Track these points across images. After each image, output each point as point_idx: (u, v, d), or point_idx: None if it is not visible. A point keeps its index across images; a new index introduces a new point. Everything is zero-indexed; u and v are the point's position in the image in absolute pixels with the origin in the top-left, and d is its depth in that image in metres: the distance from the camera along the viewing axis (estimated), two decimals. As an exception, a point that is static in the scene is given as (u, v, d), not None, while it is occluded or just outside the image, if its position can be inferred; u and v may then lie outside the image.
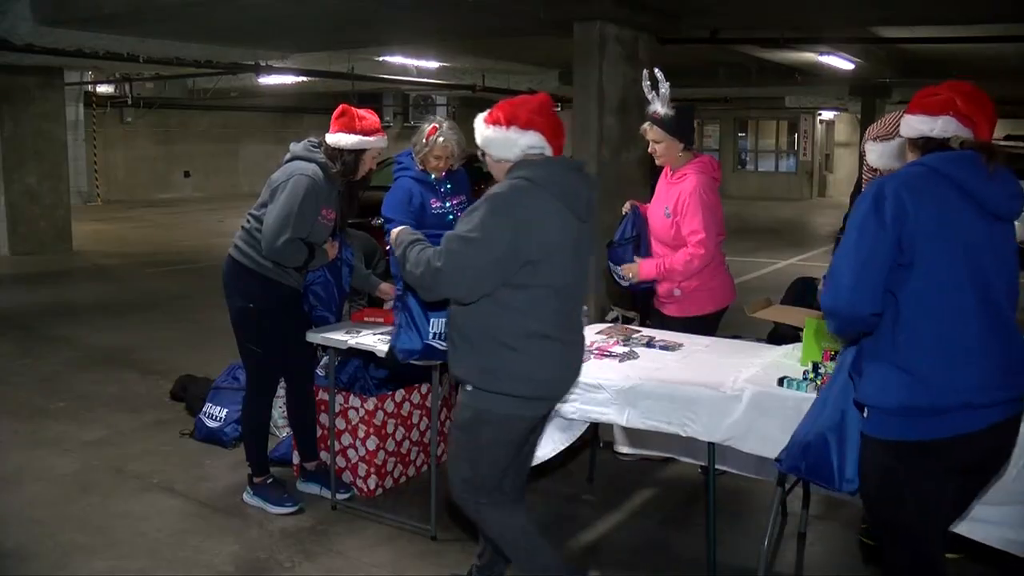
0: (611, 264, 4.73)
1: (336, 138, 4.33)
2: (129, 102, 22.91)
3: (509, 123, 3.15)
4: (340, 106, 4.41)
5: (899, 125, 3.65)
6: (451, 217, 4.93)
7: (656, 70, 4.41)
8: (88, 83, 21.11)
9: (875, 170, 3.90)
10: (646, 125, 4.53)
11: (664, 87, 4.40)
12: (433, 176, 4.82)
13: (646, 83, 4.47)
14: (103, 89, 22.75)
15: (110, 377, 6.98)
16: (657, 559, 4.11)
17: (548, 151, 3.17)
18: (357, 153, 4.37)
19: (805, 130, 28.14)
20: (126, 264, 13.25)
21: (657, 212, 4.62)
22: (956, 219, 2.49)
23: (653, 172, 5.01)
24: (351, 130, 4.32)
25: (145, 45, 11.54)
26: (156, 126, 24.89)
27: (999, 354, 2.51)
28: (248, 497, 4.57)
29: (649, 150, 4.62)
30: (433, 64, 16.83)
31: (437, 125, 4.71)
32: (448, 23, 10.84)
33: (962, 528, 3.15)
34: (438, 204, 4.87)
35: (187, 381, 6.28)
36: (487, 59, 16.39)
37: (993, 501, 3.05)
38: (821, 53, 13.90)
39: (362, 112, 4.39)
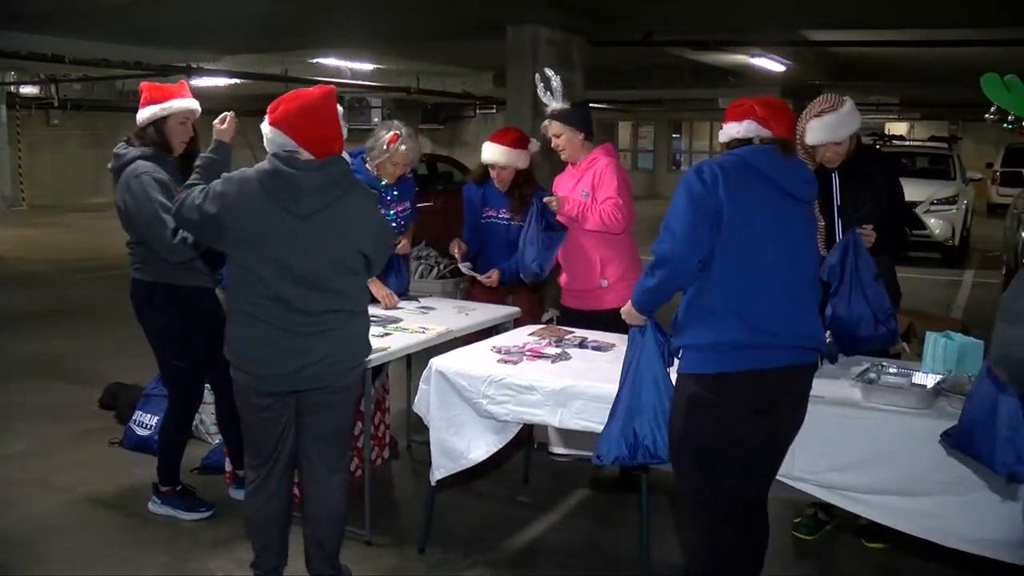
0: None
1: (139, 118, 4.20)
2: (56, 104, 22.42)
3: (270, 119, 3.26)
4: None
5: (838, 100, 3.98)
6: (394, 224, 4.92)
7: (546, 68, 4.48)
8: (11, 84, 20.62)
9: (811, 156, 4.02)
10: (545, 122, 4.62)
11: (555, 81, 4.48)
12: (384, 182, 4.82)
13: (539, 85, 4.53)
14: (27, 90, 22.24)
15: (36, 387, 6.79)
16: (592, 558, 4.13)
17: (300, 150, 3.23)
18: (158, 123, 4.20)
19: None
20: (53, 270, 12.96)
21: (575, 200, 4.68)
22: (762, 194, 2.96)
23: None
24: (147, 103, 4.19)
25: (72, 45, 11.31)
26: (85, 128, 24.38)
27: (794, 304, 2.96)
28: (155, 507, 4.47)
29: (552, 146, 4.68)
30: (367, 66, 16.77)
31: (399, 133, 4.73)
32: (383, 26, 10.82)
33: (884, 518, 3.25)
34: (383, 211, 4.87)
35: (117, 389, 6.15)
36: (422, 61, 16.37)
37: (916, 491, 3.14)
38: (753, 55, 14.09)
39: (163, 84, 4.25)
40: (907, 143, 19.40)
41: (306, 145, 3.22)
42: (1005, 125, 22.35)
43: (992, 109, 17.16)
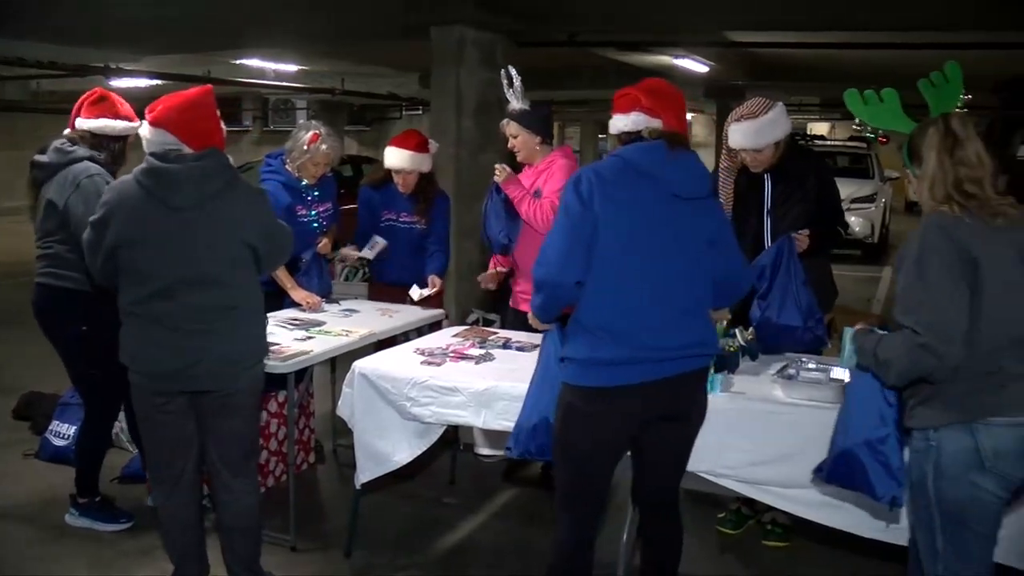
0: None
1: (99, 124, 4.12)
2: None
3: (149, 119, 3.26)
4: (96, 90, 4.20)
5: (763, 107, 3.94)
6: (316, 225, 4.89)
7: (510, 67, 4.46)
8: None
9: (733, 158, 4.05)
10: (504, 121, 4.59)
11: (517, 81, 4.46)
12: (304, 182, 4.79)
13: (504, 81, 4.52)
14: (-61, 92, 21.55)
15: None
16: (521, 558, 4.14)
17: (181, 146, 3.22)
18: (123, 140, 4.18)
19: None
20: (-32, 277, 12.60)
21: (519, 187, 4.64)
22: (639, 199, 2.83)
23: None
24: (116, 115, 4.14)
25: (-21, 44, 11.01)
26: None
27: (680, 313, 2.87)
28: (73, 519, 4.37)
29: (508, 146, 4.65)
30: (292, 67, 16.57)
31: (319, 132, 4.72)
32: (306, 27, 10.70)
33: (805, 512, 3.32)
34: (304, 211, 4.85)
35: (32, 398, 5.98)
36: (347, 62, 16.22)
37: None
38: (676, 56, 14.26)
39: (118, 96, 4.20)
40: (828, 143, 19.81)
41: (187, 139, 3.21)
42: (868, 134, 22.85)
43: (857, 120, 17.67)
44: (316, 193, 4.89)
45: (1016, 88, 7.64)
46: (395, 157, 4.99)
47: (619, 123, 3.03)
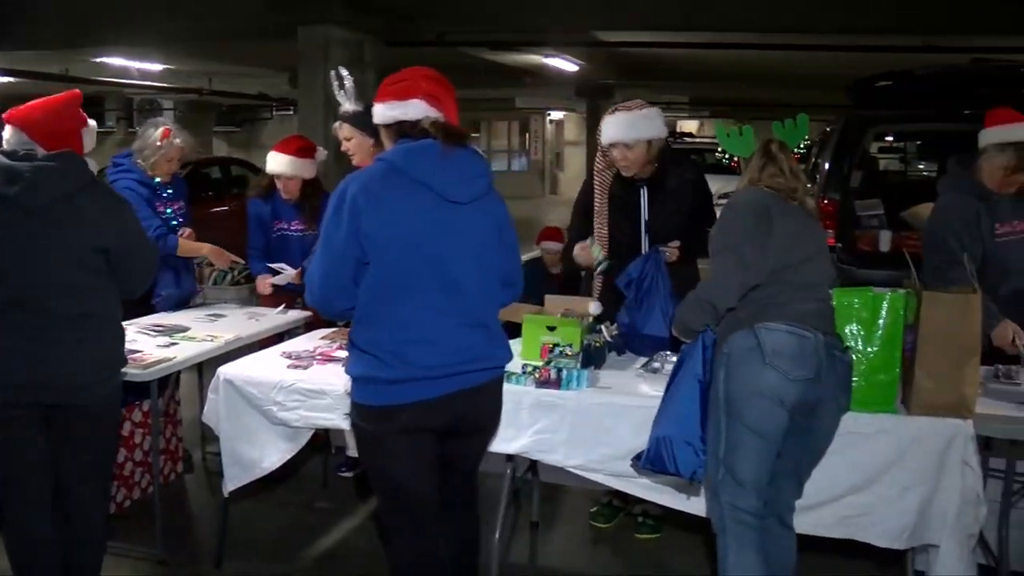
0: None
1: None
2: None
3: (5, 118, 3.18)
4: None
5: (640, 103, 4.03)
6: (175, 223, 4.78)
7: (340, 67, 4.38)
8: None
9: (606, 156, 4.08)
10: (336, 124, 4.46)
11: (348, 81, 4.36)
12: (158, 180, 4.68)
13: (334, 83, 4.46)
14: None
15: None
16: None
17: (36, 147, 3.12)
18: None
19: (536, 130, 29.08)
20: None
21: None
22: (412, 209, 2.67)
23: None
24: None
25: None
26: None
27: (463, 327, 2.75)
28: None
29: (342, 149, 4.50)
30: (156, 66, 16.13)
31: (169, 128, 4.63)
32: (169, 25, 10.43)
33: (673, 503, 3.40)
34: (162, 208, 4.73)
35: None
36: (214, 62, 15.88)
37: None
38: (546, 55, 14.41)
39: None
40: (696, 140, 20.32)
41: (40, 140, 3.09)
42: (723, 159, 23.63)
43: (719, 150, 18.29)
44: (170, 191, 4.80)
45: (867, 88, 7.95)
46: (276, 162, 4.88)
47: (394, 111, 2.75)
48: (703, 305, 3.10)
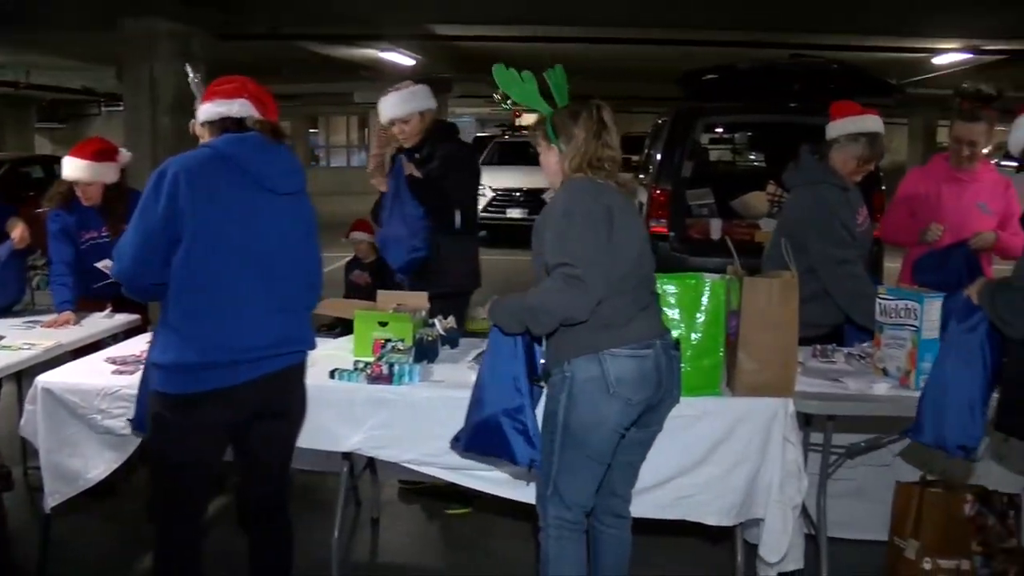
0: None
1: None
2: None
3: None
4: None
5: (408, 83, 4.46)
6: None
7: (186, 65, 4.26)
8: None
9: (382, 134, 4.60)
10: (191, 121, 4.37)
11: (193, 79, 4.26)
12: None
13: (193, 80, 4.33)
14: None
15: None
16: (228, 567, 4.00)
17: None
18: None
19: (375, 125, 28.80)
20: None
21: None
22: (231, 195, 2.74)
23: None
24: None
25: None
26: None
27: (274, 311, 2.80)
28: None
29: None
30: (-35, 58, 15.23)
31: None
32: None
33: (503, 491, 3.44)
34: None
35: None
36: (31, 53, 15.08)
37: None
38: (383, 50, 14.30)
39: None
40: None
41: None
42: (503, 106, 23.74)
43: (497, 94, 18.49)
44: None
45: (695, 80, 8.24)
46: (72, 168, 4.57)
47: (220, 108, 2.88)
48: (545, 318, 2.86)
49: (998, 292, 2.91)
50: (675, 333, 3.19)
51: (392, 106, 4.43)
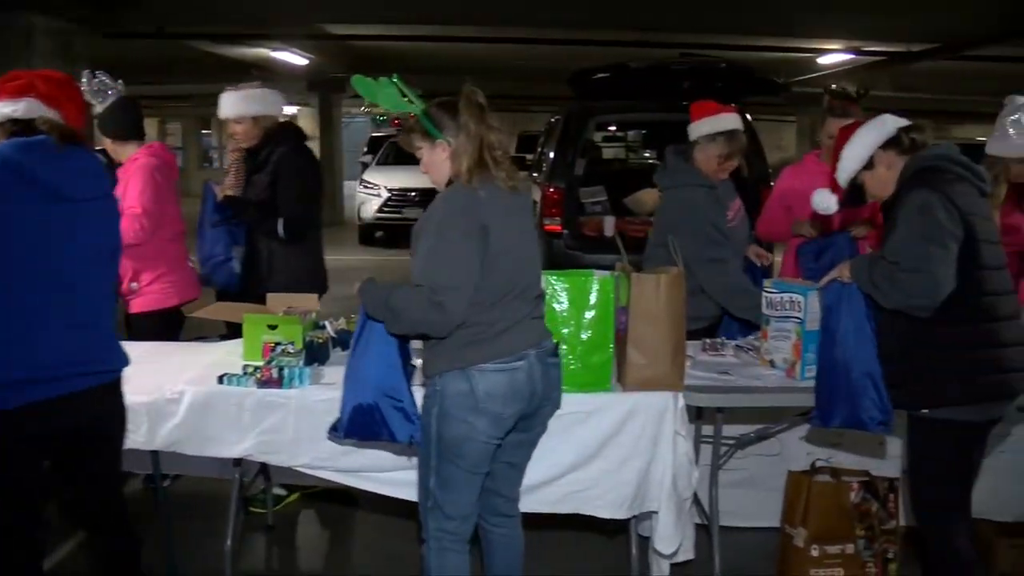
0: None
1: None
2: None
3: None
4: None
5: (253, 84, 4.42)
6: None
7: (85, 70, 4.19)
8: None
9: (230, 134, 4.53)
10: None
11: (86, 83, 4.17)
12: None
13: (87, 83, 4.22)
14: None
15: None
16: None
17: None
18: None
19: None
20: None
21: None
22: (18, 206, 2.55)
23: None
24: None
25: None
26: None
27: (67, 331, 2.64)
28: None
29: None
30: None
31: None
32: None
33: (392, 491, 3.42)
34: None
35: None
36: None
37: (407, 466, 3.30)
38: (274, 49, 14.09)
39: None
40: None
41: None
42: (379, 118, 22.65)
43: (365, 105, 18.41)
44: None
45: (586, 79, 8.32)
46: None
47: (6, 108, 2.67)
48: (401, 326, 2.85)
49: (874, 264, 3.01)
50: (565, 331, 3.21)
51: (226, 105, 4.40)
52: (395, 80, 2.93)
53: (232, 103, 4.38)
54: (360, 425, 2.99)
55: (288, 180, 4.38)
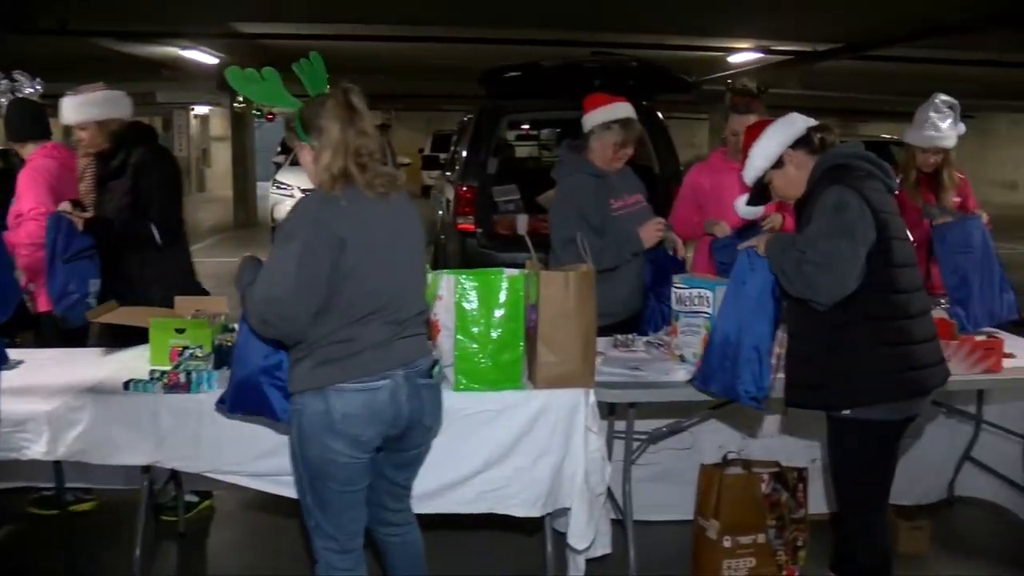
0: None
1: None
2: None
3: None
4: None
5: (97, 87, 4.18)
6: None
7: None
8: None
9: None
10: None
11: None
12: None
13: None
14: None
15: None
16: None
17: None
18: None
19: (180, 126, 27.91)
20: None
21: None
22: None
23: None
24: None
25: None
26: None
27: None
28: None
29: None
30: None
31: None
32: None
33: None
34: None
35: None
36: None
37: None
38: (183, 47, 13.82)
39: None
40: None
41: None
42: (254, 112, 22.21)
43: (240, 99, 18.25)
44: None
45: (498, 78, 8.31)
46: None
47: None
48: (249, 318, 2.77)
49: (787, 249, 3.00)
50: (475, 329, 3.21)
51: (67, 111, 4.15)
52: (314, 59, 2.90)
53: (73, 108, 4.14)
54: (244, 401, 2.96)
55: (152, 182, 4.19)
